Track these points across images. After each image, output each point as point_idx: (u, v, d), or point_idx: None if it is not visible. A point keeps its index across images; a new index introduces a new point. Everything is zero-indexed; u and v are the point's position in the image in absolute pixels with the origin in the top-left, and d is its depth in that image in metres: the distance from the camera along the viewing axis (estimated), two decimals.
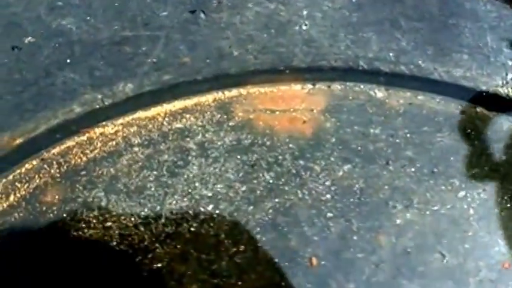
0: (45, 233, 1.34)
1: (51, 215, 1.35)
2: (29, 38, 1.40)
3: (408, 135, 1.45)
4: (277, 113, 1.45)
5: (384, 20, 1.50)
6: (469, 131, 1.46)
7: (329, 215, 1.39)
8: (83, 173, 1.38)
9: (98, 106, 1.41)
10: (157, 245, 1.34)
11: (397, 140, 1.44)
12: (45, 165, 1.38)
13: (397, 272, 1.35)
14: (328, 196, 1.40)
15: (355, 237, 1.37)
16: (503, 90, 1.47)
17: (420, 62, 1.48)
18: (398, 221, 1.39)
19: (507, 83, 1.47)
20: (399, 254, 1.36)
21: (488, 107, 1.47)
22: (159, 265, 1.33)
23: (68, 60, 1.43)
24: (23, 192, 1.36)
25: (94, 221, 1.35)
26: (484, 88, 1.47)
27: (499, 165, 1.43)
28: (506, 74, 1.48)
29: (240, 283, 1.33)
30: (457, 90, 1.48)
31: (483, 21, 1.51)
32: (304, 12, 1.49)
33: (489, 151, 1.44)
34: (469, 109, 1.48)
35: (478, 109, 1.48)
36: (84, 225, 1.35)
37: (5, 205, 1.35)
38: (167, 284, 1.32)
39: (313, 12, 1.49)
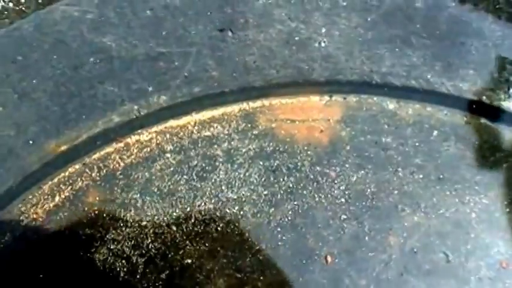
0: (87, 230, 1.36)
1: (92, 214, 1.37)
2: None
3: (417, 144, 1.45)
4: (297, 122, 1.45)
5: (396, 37, 1.49)
6: (473, 140, 1.46)
7: (343, 217, 1.40)
8: (121, 176, 1.39)
9: (134, 116, 1.42)
10: (187, 242, 1.36)
11: (407, 149, 1.44)
12: (87, 169, 1.39)
13: (405, 270, 1.37)
14: (343, 200, 1.41)
15: (366, 238, 1.39)
16: (505, 104, 1.48)
17: (429, 76, 1.47)
18: (406, 223, 1.39)
19: (509, 97, 1.48)
20: (407, 254, 1.38)
21: (492, 118, 1.47)
22: (189, 261, 1.35)
23: (108, 74, 1.43)
24: (67, 194, 1.38)
25: (130, 220, 1.37)
26: (487, 101, 1.47)
27: (500, 173, 1.44)
28: (509, 89, 1.48)
29: (262, 278, 1.35)
30: (463, 103, 1.48)
31: (488, 39, 1.49)
32: (323, 30, 1.48)
33: (491, 160, 1.45)
34: (474, 120, 1.47)
35: (482, 120, 1.47)
36: (121, 224, 1.37)
37: (51, 205, 1.37)
38: (196, 279, 1.34)
39: (331, 30, 1.48)
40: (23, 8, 1.43)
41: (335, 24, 1.49)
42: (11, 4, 1.44)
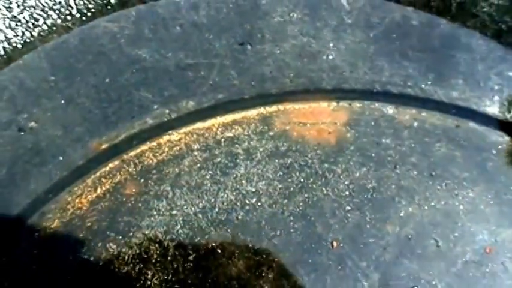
0: (124, 218, 1.44)
1: (129, 204, 1.44)
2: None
3: (413, 144, 1.49)
4: (308, 125, 1.49)
5: (395, 51, 1.52)
6: (462, 142, 1.50)
7: (347, 208, 1.45)
8: (154, 171, 1.45)
9: (166, 119, 1.47)
10: (212, 229, 1.43)
11: (404, 149, 1.48)
12: (125, 165, 1.45)
13: (400, 254, 1.43)
14: (347, 193, 1.46)
15: (367, 226, 1.44)
16: (490, 110, 1.52)
17: (423, 85, 1.51)
18: (402, 214, 1.45)
19: (494, 103, 1.52)
20: (402, 240, 1.44)
21: (478, 122, 1.51)
22: (214, 245, 1.42)
23: (143, 83, 1.47)
24: (108, 186, 1.44)
25: (163, 209, 1.43)
26: (475, 107, 1.52)
27: (485, 171, 1.49)
28: (493, 96, 1.52)
29: (276, 260, 1.41)
30: (453, 109, 1.52)
31: (476, 53, 1.52)
32: (331, 45, 1.52)
33: (478, 159, 1.49)
34: (463, 124, 1.51)
35: (470, 124, 1.51)
36: (155, 213, 1.43)
37: (93, 196, 1.44)
38: (220, 260, 1.41)
39: (338, 45, 1.52)
40: (69, 25, 1.49)
41: (341, 39, 1.52)
42: (59, 21, 1.49)
